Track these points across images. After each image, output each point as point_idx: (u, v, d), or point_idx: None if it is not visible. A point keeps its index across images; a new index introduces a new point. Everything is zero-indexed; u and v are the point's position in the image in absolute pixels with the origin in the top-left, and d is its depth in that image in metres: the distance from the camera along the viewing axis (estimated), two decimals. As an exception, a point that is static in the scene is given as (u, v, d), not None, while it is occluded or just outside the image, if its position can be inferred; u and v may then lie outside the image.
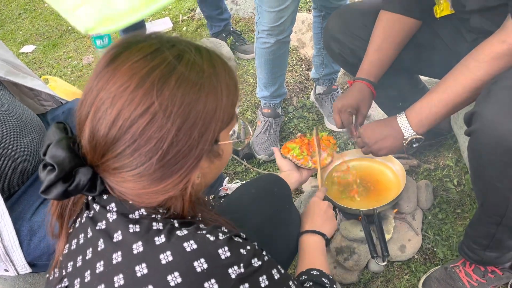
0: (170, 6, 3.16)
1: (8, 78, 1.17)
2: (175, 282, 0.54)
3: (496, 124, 0.87)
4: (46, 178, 0.58)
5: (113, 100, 0.56)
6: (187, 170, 0.59)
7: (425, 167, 1.65)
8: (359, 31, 1.34)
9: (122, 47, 0.59)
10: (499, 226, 1.05)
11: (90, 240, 0.62)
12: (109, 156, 0.58)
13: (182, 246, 0.56)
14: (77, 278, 0.62)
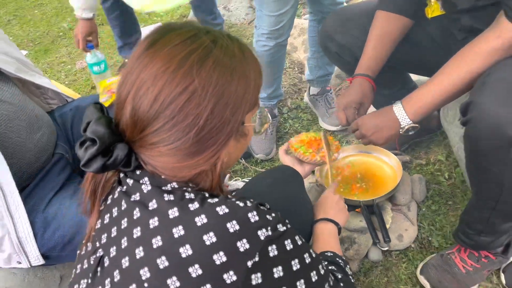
0: (162, 13, 3.21)
1: (18, 75, 1.19)
2: (210, 241, 0.57)
3: (491, 112, 0.94)
4: (87, 152, 0.62)
5: (154, 79, 0.61)
6: (218, 146, 0.64)
7: (417, 162, 1.72)
8: (355, 30, 1.41)
9: (159, 34, 0.65)
10: (493, 210, 1.12)
11: (125, 211, 0.66)
12: (148, 131, 0.62)
13: (215, 210, 0.60)
14: (113, 247, 0.65)
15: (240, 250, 0.58)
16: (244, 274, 0.57)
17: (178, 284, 0.57)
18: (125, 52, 2.42)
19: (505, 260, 1.31)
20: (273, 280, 0.60)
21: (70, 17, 3.33)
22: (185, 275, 0.57)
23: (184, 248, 0.58)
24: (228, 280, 0.57)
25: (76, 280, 0.72)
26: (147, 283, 0.59)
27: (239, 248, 0.58)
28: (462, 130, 1.47)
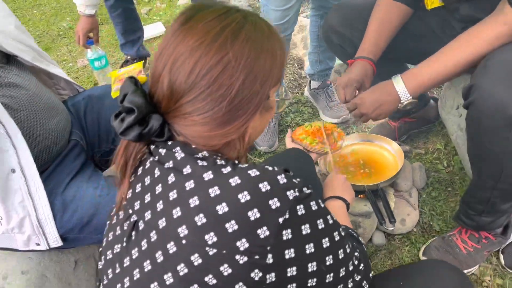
0: (161, 12, 3.25)
1: (35, 63, 1.22)
2: (245, 199, 0.61)
3: (494, 93, 0.99)
4: (126, 121, 0.66)
5: (190, 52, 0.65)
6: (247, 116, 0.68)
7: (416, 152, 1.78)
8: (357, 23, 1.46)
9: (194, 11, 0.68)
10: (494, 190, 1.17)
11: (159, 178, 0.68)
12: (184, 100, 0.66)
13: (247, 173, 0.63)
14: (147, 211, 0.68)
15: (272, 208, 0.61)
16: (276, 230, 0.61)
17: (216, 239, 0.60)
18: (127, 49, 2.45)
19: (504, 241, 1.37)
20: (301, 237, 0.63)
21: (70, 17, 3.36)
22: (222, 230, 0.60)
23: (220, 206, 0.61)
24: (262, 235, 0.60)
25: (109, 247, 0.74)
26: (185, 240, 0.62)
27: (271, 206, 0.61)
28: (459, 119, 1.54)
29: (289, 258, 0.62)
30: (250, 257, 0.60)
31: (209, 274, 0.60)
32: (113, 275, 0.72)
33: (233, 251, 0.60)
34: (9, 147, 1.02)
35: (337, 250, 0.69)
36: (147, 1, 3.48)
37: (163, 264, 0.63)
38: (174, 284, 0.62)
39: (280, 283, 0.63)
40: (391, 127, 1.81)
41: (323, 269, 0.66)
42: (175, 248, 0.62)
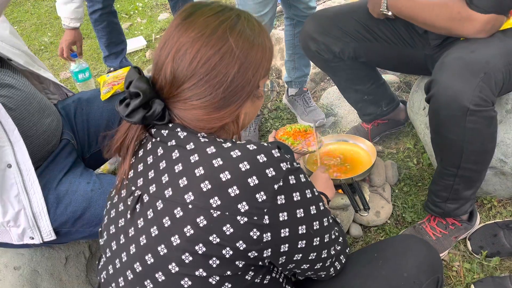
0: (142, 27, 3.34)
1: (28, 67, 1.29)
2: (245, 168, 0.69)
3: (450, 86, 1.12)
4: (131, 104, 0.74)
5: (192, 42, 0.73)
6: (240, 101, 0.77)
7: (388, 151, 1.90)
8: (332, 30, 1.57)
9: (194, 8, 0.78)
10: (456, 177, 1.29)
11: (162, 155, 0.75)
12: (185, 86, 0.74)
13: (246, 147, 0.71)
14: (152, 185, 0.74)
15: (268, 176, 0.69)
16: (271, 195, 0.69)
17: (219, 202, 0.68)
18: (111, 61, 2.52)
19: (470, 227, 1.48)
20: (293, 202, 0.72)
21: (51, 32, 3.41)
22: (225, 194, 0.68)
23: (223, 174, 0.68)
24: (259, 199, 0.68)
25: (112, 222, 0.81)
26: (191, 204, 0.69)
27: (267, 174, 0.69)
28: (426, 118, 1.67)
29: (283, 220, 0.70)
30: (250, 218, 0.68)
31: (213, 234, 0.68)
32: (118, 246, 0.78)
33: (235, 212, 0.67)
34: (6, 142, 1.07)
35: (322, 218, 0.78)
36: (128, 17, 3.58)
37: (170, 228, 0.70)
38: (181, 244, 0.69)
39: (275, 243, 0.71)
40: (364, 129, 1.93)
41: (311, 233, 0.75)
42: (181, 212, 0.69)
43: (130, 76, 0.76)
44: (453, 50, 1.18)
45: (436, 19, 1.24)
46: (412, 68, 1.63)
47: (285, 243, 0.72)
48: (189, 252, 0.69)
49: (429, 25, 1.29)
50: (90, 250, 1.41)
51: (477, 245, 1.46)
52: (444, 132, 1.20)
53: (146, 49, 3.01)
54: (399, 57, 1.56)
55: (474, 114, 1.10)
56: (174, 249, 0.70)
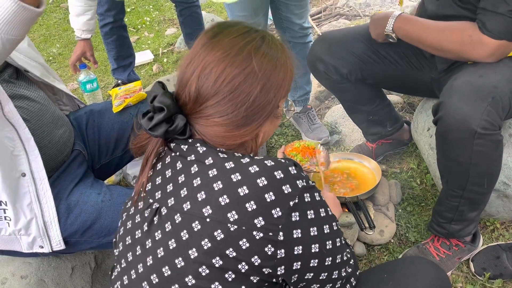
0: (149, 41, 3.39)
1: (44, 79, 1.31)
2: (262, 183, 0.70)
3: (459, 109, 1.14)
4: (155, 118, 0.76)
5: (217, 62, 0.76)
6: (261, 121, 0.79)
7: (392, 171, 1.92)
8: (341, 52, 1.60)
9: (220, 28, 0.81)
10: (461, 198, 1.31)
11: (181, 170, 0.77)
12: (208, 103, 0.76)
13: (264, 162, 0.73)
14: (170, 198, 0.76)
15: (285, 192, 0.70)
16: (287, 211, 0.70)
17: (237, 217, 0.69)
18: (119, 74, 2.56)
19: (473, 248, 1.49)
20: (307, 220, 0.73)
21: (59, 43, 3.46)
22: (243, 209, 0.69)
23: (241, 188, 0.70)
24: (275, 215, 0.69)
25: (128, 233, 0.82)
26: (209, 218, 0.70)
27: (284, 190, 0.70)
28: (430, 139, 1.70)
29: (296, 238, 0.72)
30: (265, 234, 0.69)
31: (229, 248, 0.70)
32: (134, 257, 0.79)
33: (251, 227, 0.69)
34: (21, 152, 1.10)
35: (335, 238, 0.79)
36: (135, 30, 3.63)
37: (188, 241, 0.72)
38: (198, 257, 0.71)
39: (288, 260, 0.72)
40: (368, 148, 1.96)
41: (324, 252, 0.76)
42: (199, 226, 0.71)
43: (154, 91, 0.79)
44: (461, 74, 1.21)
45: (446, 43, 1.26)
46: (418, 90, 1.67)
47: (298, 260, 0.73)
48: (206, 265, 0.71)
49: (436, 49, 1.31)
50: (95, 261, 1.42)
51: (480, 266, 1.47)
52: (451, 154, 1.22)
53: (153, 63, 3.05)
54: (406, 79, 1.60)
55: (481, 137, 1.12)
56: (192, 262, 0.71)
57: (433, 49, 1.33)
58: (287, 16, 1.91)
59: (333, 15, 3.31)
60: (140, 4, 4.11)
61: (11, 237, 1.13)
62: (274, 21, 2.00)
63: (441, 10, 1.34)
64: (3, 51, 0.83)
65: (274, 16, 1.96)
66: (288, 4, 1.87)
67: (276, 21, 1.98)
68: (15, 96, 1.17)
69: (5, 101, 1.07)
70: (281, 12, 1.91)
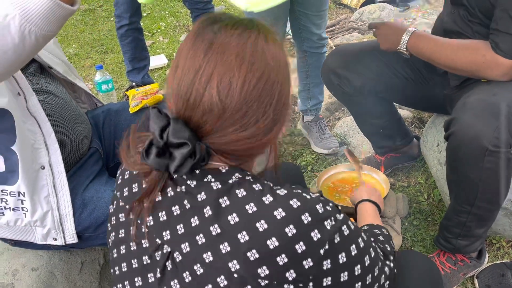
0: (163, 46, 3.45)
1: (66, 76, 1.35)
2: (291, 233, 0.64)
3: (471, 125, 1.16)
4: (178, 157, 0.65)
5: (235, 68, 0.66)
6: (284, 117, 0.72)
7: (399, 184, 1.94)
8: (355, 65, 1.62)
9: (214, 27, 0.69)
10: (469, 214, 1.32)
11: (192, 210, 0.68)
12: (235, 117, 0.67)
13: (289, 204, 0.65)
14: (184, 243, 0.68)
15: (314, 240, 0.65)
16: (318, 261, 0.65)
17: (268, 272, 0.63)
18: (133, 76, 2.60)
19: (478, 265, 1.50)
20: (338, 266, 0.68)
21: (76, 44, 3.52)
22: (274, 263, 0.63)
23: (271, 240, 0.63)
24: (306, 266, 0.65)
25: (138, 274, 0.73)
26: (236, 274, 0.64)
27: (313, 237, 0.65)
28: (439, 155, 1.71)
29: (326, 286, 0.68)
30: (295, 285, 0.65)
31: None
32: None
33: (283, 281, 0.65)
34: (42, 145, 1.13)
35: (365, 276, 0.74)
36: (150, 35, 3.69)
37: None
38: None
39: None
40: (377, 160, 1.97)
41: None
42: (226, 281, 0.65)
43: (157, 122, 0.67)
44: (475, 92, 1.23)
45: (459, 61, 1.28)
46: (430, 106, 1.69)
47: None
48: None
49: (450, 67, 1.33)
50: (104, 258, 1.44)
51: (484, 283, 1.47)
52: (461, 170, 1.23)
53: (167, 67, 3.10)
54: (418, 95, 1.62)
55: (492, 154, 1.14)
56: None
57: (446, 67, 1.34)
58: (307, 26, 1.94)
59: (346, 29, 3.35)
60: (156, 10, 4.18)
61: (27, 227, 1.15)
62: (292, 31, 2.03)
63: (455, 27, 1.37)
64: (36, 46, 0.86)
65: (292, 25, 1.99)
66: (308, 14, 1.91)
67: (295, 31, 2.01)
68: (39, 91, 1.21)
69: (29, 94, 1.11)
70: (301, 21, 1.94)
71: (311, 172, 2.06)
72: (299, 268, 0.64)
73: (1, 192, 1.10)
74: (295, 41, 2.05)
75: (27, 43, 0.84)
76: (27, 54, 0.87)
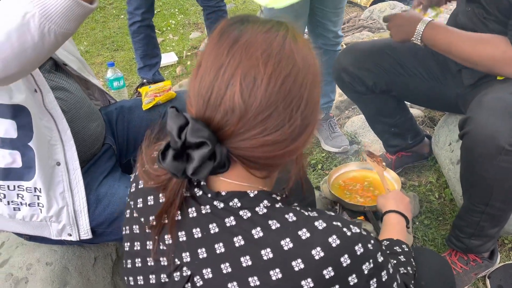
0: (173, 44, 3.46)
1: (80, 73, 1.36)
2: (329, 275, 0.60)
3: (487, 124, 1.14)
4: (196, 157, 0.59)
5: (260, 65, 0.60)
6: (313, 124, 0.66)
7: (410, 183, 1.93)
8: (367, 63, 1.62)
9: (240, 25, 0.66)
10: (483, 214, 1.31)
11: (219, 236, 0.64)
12: (258, 119, 0.61)
13: (328, 242, 0.61)
14: (206, 269, 0.64)
15: (350, 284, 0.62)
16: None
17: None
18: (144, 73, 2.61)
19: (490, 265, 1.49)
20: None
21: (86, 41, 3.54)
22: None
23: (306, 281, 0.60)
24: None
25: None
26: None
27: (349, 282, 0.62)
28: (451, 154, 1.71)
29: None
30: None
31: None
32: None
33: None
34: (58, 141, 1.14)
35: None
36: (160, 32, 3.70)
37: None
38: None
39: None
40: (388, 159, 1.97)
41: None
42: None
43: (175, 121, 0.61)
44: (491, 90, 1.22)
45: (477, 55, 1.26)
46: (442, 105, 1.68)
47: None
48: None
49: (466, 60, 1.30)
50: (117, 253, 1.45)
51: (496, 284, 1.47)
52: (476, 169, 1.22)
53: (177, 65, 3.11)
54: (431, 93, 1.61)
55: (508, 154, 1.13)
56: None
57: (463, 59, 1.30)
58: (323, 23, 1.93)
59: (356, 27, 3.34)
60: (166, 7, 4.19)
61: (42, 223, 1.17)
62: (309, 27, 2.02)
63: (470, 24, 1.35)
64: (55, 44, 0.87)
65: (308, 21, 1.99)
66: (325, 11, 1.90)
67: (311, 27, 2.01)
68: (55, 88, 1.22)
69: (46, 91, 1.12)
70: (318, 18, 1.93)
71: (321, 171, 2.06)
72: None
73: (18, 187, 1.12)
74: (311, 37, 2.04)
75: (46, 41, 0.85)
76: (46, 52, 0.88)
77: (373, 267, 0.64)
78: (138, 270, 0.74)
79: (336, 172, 1.77)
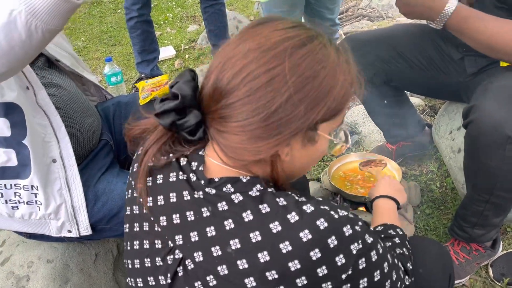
0: (171, 37, 3.43)
1: (73, 69, 1.35)
2: (316, 257, 0.61)
3: (493, 113, 1.11)
4: (166, 104, 0.65)
5: (245, 53, 0.63)
6: (280, 139, 0.63)
7: (411, 173, 1.92)
8: (367, 54, 1.58)
9: (267, 19, 0.69)
10: (487, 203, 1.29)
11: (210, 219, 0.65)
12: (223, 103, 0.64)
13: (316, 225, 0.61)
14: (197, 252, 0.65)
15: (338, 265, 0.62)
16: (338, 285, 0.63)
17: None
18: (142, 68, 2.60)
19: (493, 254, 1.48)
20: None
21: (84, 37, 3.52)
22: (292, 285, 0.61)
23: (293, 263, 0.60)
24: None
25: (150, 274, 0.72)
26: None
27: (337, 262, 0.62)
28: (452, 142, 1.69)
29: None
30: None
31: None
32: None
33: None
34: (53, 138, 1.13)
35: None
36: (158, 26, 3.67)
37: None
38: None
39: None
40: (388, 149, 1.95)
41: None
42: None
43: (180, 76, 0.69)
44: (497, 78, 1.18)
45: (502, 38, 1.12)
46: (443, 94, 1.65)
47: None
48: None
49: (494, 50, 1.16)
50: (118, 249, 1.45)
51: (499, 272, 1.46)
52: (481, 158, 1.19)
53: (175, 59, 3.09)
54: (432, 83, 1.58)
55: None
56: None
57: (490, 49, 1.16)
58: (319, 10, 1.91)
59: (355, 16, 3.30)
60: (163, 1, 4.16)
61: (41, 221, 1.16)
62: (305, 17, 2.00)
63: None
64: (43, 41, 0.86)
65: (306, 11, 1.97)
66: None
67: (308, 17, 1.99)
68: (48, 84, 1.20)
69: (38, 88, 1.11)
70: (313, 6, 1.91)
71: (322, 162, 2.05)
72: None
73: (14, 186, 1.11)
74: None
75: (34, 38, 0.83)
76: (34, 50, 0.86)
77: (362, 247, 0.64)
78: (136, 253, 0.75)
79: (337, 163, 1.76)
